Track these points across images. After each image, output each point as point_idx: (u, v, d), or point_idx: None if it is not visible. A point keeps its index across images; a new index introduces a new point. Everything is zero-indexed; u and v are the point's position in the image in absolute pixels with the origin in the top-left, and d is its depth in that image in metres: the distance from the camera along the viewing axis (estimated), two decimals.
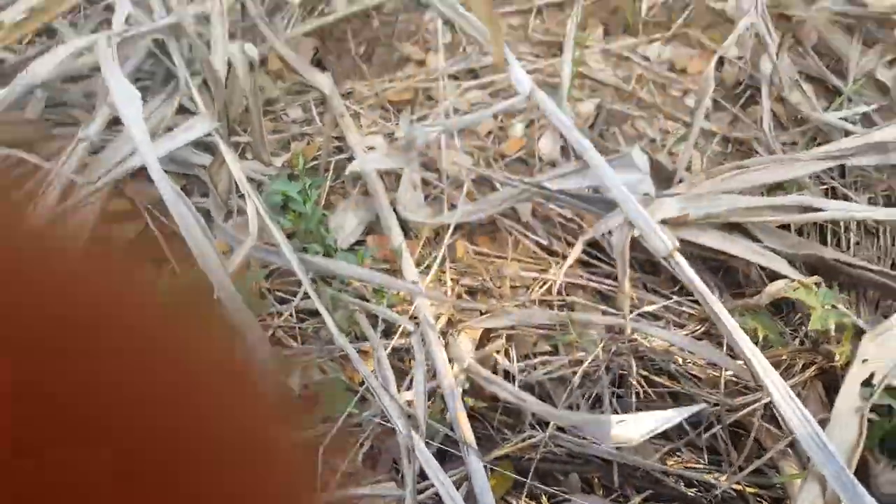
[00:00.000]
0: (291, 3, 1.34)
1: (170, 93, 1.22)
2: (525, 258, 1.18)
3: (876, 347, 0.96)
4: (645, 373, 0.90)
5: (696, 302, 0.99)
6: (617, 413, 0.86)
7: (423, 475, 0.82)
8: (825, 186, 1.26)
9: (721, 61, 1.57)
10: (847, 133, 1.28)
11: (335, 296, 0.96)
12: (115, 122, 1.14)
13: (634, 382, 0.88)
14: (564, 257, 1.15)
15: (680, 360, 0.90)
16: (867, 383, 0.92)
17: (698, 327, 0.94)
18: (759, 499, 0.84)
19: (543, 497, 0.84)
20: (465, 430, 0.86)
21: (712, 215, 1.06)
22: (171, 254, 0.97)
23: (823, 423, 0.85)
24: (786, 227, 1.15)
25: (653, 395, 0.89)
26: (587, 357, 0.91)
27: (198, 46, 1.11)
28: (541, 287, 1.10)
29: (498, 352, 0.99)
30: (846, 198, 1.24)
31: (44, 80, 1.14)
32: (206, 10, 1.22)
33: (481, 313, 1.06)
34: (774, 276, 1.03)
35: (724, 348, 0.89)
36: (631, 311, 0.95)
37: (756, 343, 0.84)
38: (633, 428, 0.79)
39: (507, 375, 0.96)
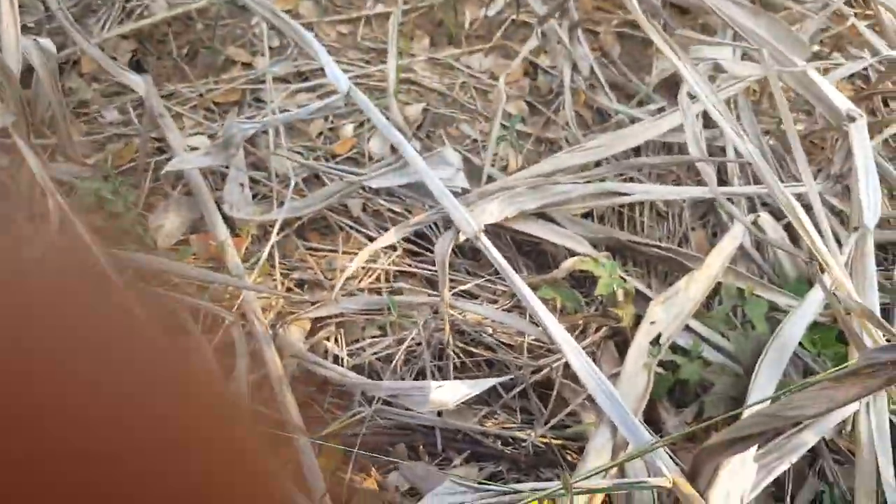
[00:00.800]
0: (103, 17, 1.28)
1: None
2: (356, 251, 1.21)
3: (662, 311, 1.09)
4: (462, 345, 0.97)
5: None
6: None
7: None
8: (624, 177, 1.43)
9: (536, 70, 1.72)
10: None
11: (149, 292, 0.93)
12: None
13: (452, 354, 0.94)
14: (394, 248, 1.21)
15: (491, 331, 0.98)
16: (655, 342, 1.05)
17: (508, 302, 1.03)
18: (566, 449, 0.92)
19: (373, 468, 0.88)
20: (293, 413, 0.87)
21: (527, 210, 1.16)
22: None
23: (616, 376, 0.96)
24: (588, 216, 1.28)
25: (470, 364, 0.96)
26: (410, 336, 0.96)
27: None
28: (370, 276, 1.14)
29: (328, 339, 1.01)
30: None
31: None
32: None
33: (312, 304, 1.08)
34: (576, 255, 1.15)
35: (528, 318, 0.98)
36: (451, 290, 1.02)
37: (554, 311, 0.93)
38: (450, 393, 0.85)
39: (338, 360, 0.99)
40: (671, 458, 0.82)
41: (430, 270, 1.15)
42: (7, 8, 1.06)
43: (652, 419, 1.00)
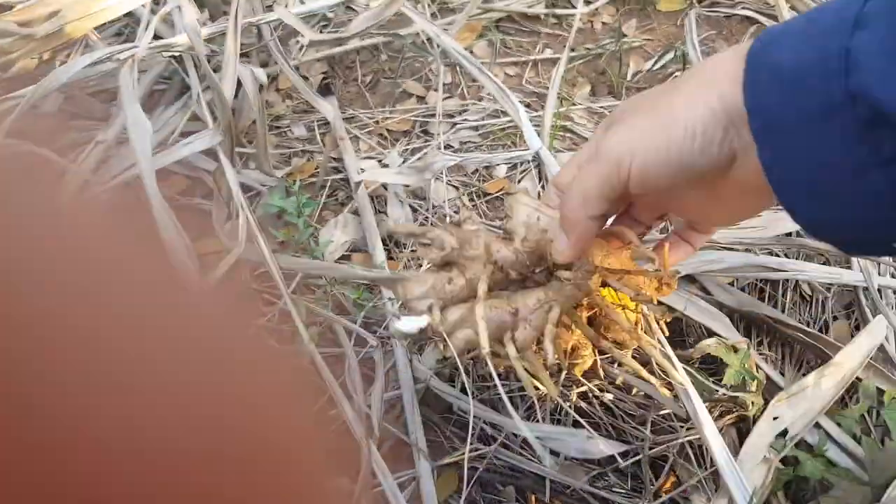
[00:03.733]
0: (302, 41, 1.45)
1: (184, 102, 1.33)
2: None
3: (787, 408, 1.08)
4: (579, 400, 1.01)
5: None
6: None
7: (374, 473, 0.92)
8: (768, 251, 1.40)
9: None
10: None
11: (312, 308, 1.06)
12: None
13: (572, 408, 0.99)
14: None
15: (607, 389, 1.01)
16: (782, 436, 1.03)
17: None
18: None
19: (482, 502, 0.95)
20: (419, 437, 0.96)
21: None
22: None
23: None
24: (732, 285, 1.28)
25: (585, 424, 1.00)
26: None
27: (207, 67, 1.22)
28: None
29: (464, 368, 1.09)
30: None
31: (64, 84, 1.23)
32: (222, 31, 1.33)
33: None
34: (711, 332, 1.15)
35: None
36: None
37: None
38: (595, 447, 0.91)
39: (464, 390, 1.07)
40: None
41: None
42: (231, 45, 1.23)
43: None
